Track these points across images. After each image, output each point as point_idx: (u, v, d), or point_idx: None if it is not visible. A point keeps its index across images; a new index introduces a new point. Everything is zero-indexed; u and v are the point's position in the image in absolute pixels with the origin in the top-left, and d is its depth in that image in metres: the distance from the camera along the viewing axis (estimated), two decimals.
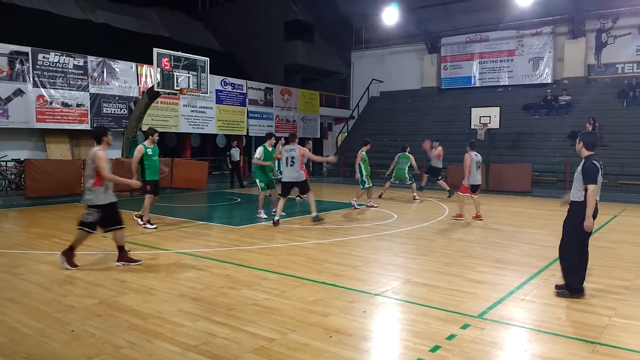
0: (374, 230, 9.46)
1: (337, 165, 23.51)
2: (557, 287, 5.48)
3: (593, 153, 5.32)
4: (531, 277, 6.21)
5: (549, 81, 22.69)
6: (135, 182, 6.88)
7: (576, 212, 5.21)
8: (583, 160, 5.31)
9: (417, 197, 14.57)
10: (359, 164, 12.52)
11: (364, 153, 12.64)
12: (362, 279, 6.07)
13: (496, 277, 6.21)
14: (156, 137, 9.29)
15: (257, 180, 10.54)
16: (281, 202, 9.88)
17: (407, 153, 14.56)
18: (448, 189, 15.24)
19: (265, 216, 10.37)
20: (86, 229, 6.23)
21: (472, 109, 19.27)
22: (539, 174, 18.10)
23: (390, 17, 23.23)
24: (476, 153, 10.74)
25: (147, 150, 9.07)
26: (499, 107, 18.78)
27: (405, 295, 5.44)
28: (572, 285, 5.29)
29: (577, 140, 5.46)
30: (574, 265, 5.27)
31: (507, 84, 23.82)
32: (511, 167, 17.63)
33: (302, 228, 9.66)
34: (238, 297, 5.20)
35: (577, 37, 21.87)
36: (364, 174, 12.53)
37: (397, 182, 14.78)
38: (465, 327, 4.43)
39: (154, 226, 9.18)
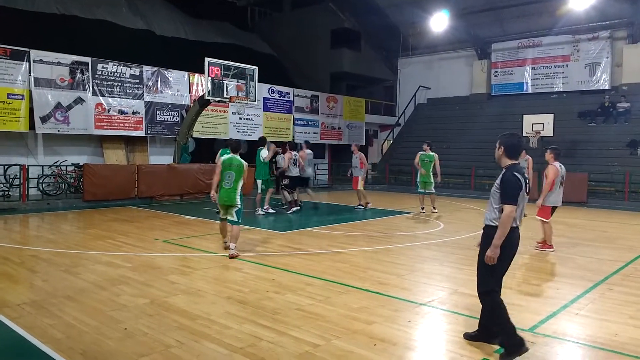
0: (419, 239, 9.32)
1: (383, 172, 23.38)
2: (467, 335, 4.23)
3: None
4: (586, 291, 5.94)
5: (607, 87, 21.69)
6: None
7: None
8: None
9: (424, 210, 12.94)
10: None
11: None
12: (407, 288, 6.00)
13: (549, 290, 5.98)
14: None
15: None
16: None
17: (429, 152, 12.83)
18: None
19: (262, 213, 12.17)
20: None
21: (524, 115, 18.70)
22: (596, 184, 17.28)
23: (438, 23, 22.88)
24: (561, 165, 8.48)
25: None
26: (552, 114, 18.14)
27: (452, 305, 5.33)
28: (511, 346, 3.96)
29: None
30: None
31: (561, 90, 22.95)
32: (566, 176, 16.90)
33: (346, 235, 9.65)
34: (283, 302, 5.25)
35: (636, 41, 20.80)
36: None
37: (421, 190, 13.00)
38: None
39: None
